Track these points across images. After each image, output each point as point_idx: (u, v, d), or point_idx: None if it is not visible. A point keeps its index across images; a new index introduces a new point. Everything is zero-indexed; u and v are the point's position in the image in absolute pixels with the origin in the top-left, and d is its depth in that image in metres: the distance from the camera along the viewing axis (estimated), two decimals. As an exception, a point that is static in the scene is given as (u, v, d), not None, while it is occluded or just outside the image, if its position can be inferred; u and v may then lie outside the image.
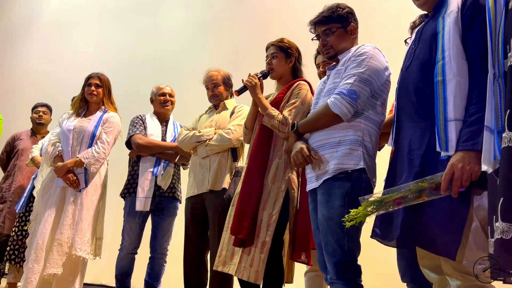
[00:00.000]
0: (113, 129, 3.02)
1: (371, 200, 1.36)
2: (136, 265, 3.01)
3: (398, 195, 1.31)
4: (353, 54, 1.86)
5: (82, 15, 5.94)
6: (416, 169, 1.40)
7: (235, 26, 4.63)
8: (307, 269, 2.45)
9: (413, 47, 1.57)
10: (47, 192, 2.89)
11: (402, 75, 1.59)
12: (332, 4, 1.97)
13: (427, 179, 1.29)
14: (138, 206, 2.89)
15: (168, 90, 3.21)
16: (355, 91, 1.76)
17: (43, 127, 4.06)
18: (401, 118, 1.55)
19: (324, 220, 1.75)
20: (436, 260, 1.40)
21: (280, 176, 2.18)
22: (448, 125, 1.31)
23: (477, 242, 1.29)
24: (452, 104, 1.32)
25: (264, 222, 2.11)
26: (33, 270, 2.65)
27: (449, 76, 1.34)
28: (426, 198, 1.29)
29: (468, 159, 1.25)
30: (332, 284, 1.75)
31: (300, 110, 2.22)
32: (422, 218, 1.35)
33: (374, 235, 1.53)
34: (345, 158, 1.76)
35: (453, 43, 1.35)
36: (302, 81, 2.32)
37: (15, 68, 6.22)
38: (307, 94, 2.26)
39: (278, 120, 2.17)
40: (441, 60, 1.37)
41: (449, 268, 1.33)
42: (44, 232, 2.72)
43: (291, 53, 2.39)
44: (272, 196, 2.15)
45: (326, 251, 1.75)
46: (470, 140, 1.26)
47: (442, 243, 1.30)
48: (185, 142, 2.74)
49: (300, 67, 2.43)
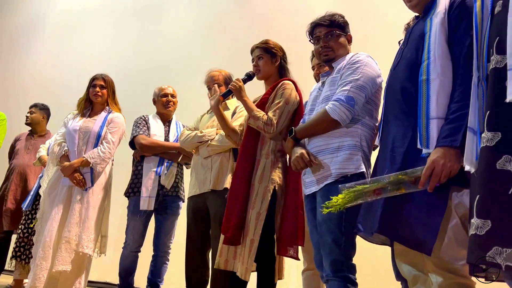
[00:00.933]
0: (118, 129, 3.08)
1: (351, 190, 1.38)
2: (139, 263, 3.06)
3: (378, 186, 1.33)
4: (348, 62, 1.92)
5: (87, 17, 5.98)
6: (397, 165, 1.42)
7: (238, 28, 4.66)
8: (304, 268, 2.48)
9: (402, 47, 1.61)
10: (53, 191, 2.94)
11: (390, 75, 1.63)
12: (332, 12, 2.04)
13: (408, 172, 1.32)
14: (142, 205, 2.95)
15: (170, 90, 3.25)
16: (353, 98, 1.82)
17: (38, 126, 4.09)
18: (388, 116, 1.59)
19: (322, 221, 1.81)
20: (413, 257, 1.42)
21: (267, 176, 2.22)
22: (430, 123, 1.34)
23: (458, 239, 1.31)
24: (435, 103, 1.34)
25: (252, 220, 2.16)
26: (41, 267, 2.70)
27: (433, 75, 1.37)
28: (404, 191, 1.32)
29: (449, 156, 1.28)
30: (328, 282, 1.82)
31: (285, 110, 2.26)
32: (400, 213, 1.37)
33: (357, 230, 1.56)
34: (346, 163, 1.81)
35: (439, 43, 1.39)
36: (286, 81, 2.35)
37: (21, 70, 6.26)
38: (291, 93, 2.29)
39: (263, 121, 2.21)
40: (427, 60, 1.40)
41: (430, 265, 1.35)
42: (52, 230, 2.78)
43: (276, 52, 2.44)
44: (260, 195, 2.19)
45: (323, 250, 1.82)
46: (450, 136, 1.29)
47: (418, 238, 1.32)
48: (187, 142, 2.76)
49: (285, 65, 2.47)
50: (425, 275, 1.39)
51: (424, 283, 1.40)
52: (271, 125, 2.21)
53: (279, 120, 2.23)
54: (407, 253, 1.42)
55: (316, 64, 2.49)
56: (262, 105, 2.32)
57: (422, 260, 1.38)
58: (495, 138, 1.08)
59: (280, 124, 2.24)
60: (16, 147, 4.03)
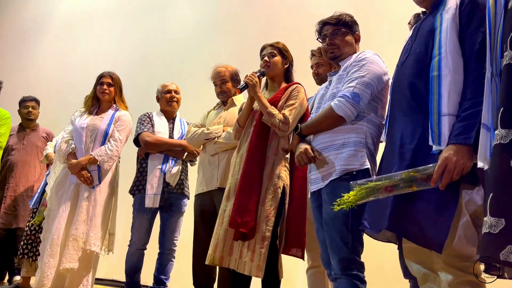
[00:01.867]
0: (125, 127, 3.10)
1: (363, 186, 1.37)
2: (146, 261, 3.06)
3: (389, 183, 1.32)
4: (354, 60, 1.93)
5: (93, 15, 5.99)
6: (406, 162, 1.41)
7: (243, 24, 4.66)
8: (309, 266, 2.48)
9: (409, 42, 1.59)
10: (61, 189, 2.96)
11: (397, 70, 1.61)
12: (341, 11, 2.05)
13: (420, 169, 1.31)
14: (148, 202, 2.95)
15: (174, 87, 3.25)
16: (358, 94, 1.82)
17: (32, 122, 4.08)
18: (395, 112, 1.57)
19: (329, 218, 1.81)
20: (422, 255, 1.41)
21: (277, 173, 2.23)
22: (442, 120, 1.33)
23: (468, 237, 1.30)
24: (447, 99, 1.33)
25: (263, 217, 2.16)
26: (48, 265, 2.72)
27: (445, 71, 1.36)
28: (415, 188, 1.31)
29: (461, 153, 1.27)
30: (336, 280, 1.81)
31: (299, 112, 2.30)
32: (410, 210, 1.36)
33: (363, 227, 1.55)
34: (351, 159, 1.81)
35: (450, 39, 1.37)
36: (299, 85, 2.40)
37: (28, 69, 6.29)
38: (303, 97, 2.35)
39: (279, 119, 2.23)
40: (438, 56, 1.39)
41: (440, 263, 1.34)
42: (59, 227, 2.79)
43: (287, 56, 2.48)
44: (270, 191, 2.19)
45: (331, 248, 1.81)
46: (463, 134, 1.28)
47: (429, 236, 1.31)
48: (194, 139, 2.76)
49: (292, 71, 2.51)
50: (435, 273, 1.38)
51: (433, 281, 1.39)
52: (286, 124, 2.23)
53: (294, 120, 2.26)
54: (417, 251, 1.42)
55: (315, 63, 2.53)
56: (273, 103, 2.32)
57: (432, 258, 1.37)
58: (509, 136, 1.07)
59: (294, 125, 2.25)
60: (8, 143, 3.92)
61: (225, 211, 2.29)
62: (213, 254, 2.23)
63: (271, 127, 2.27)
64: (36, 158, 3.99)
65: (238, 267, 2.18)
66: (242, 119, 2.42)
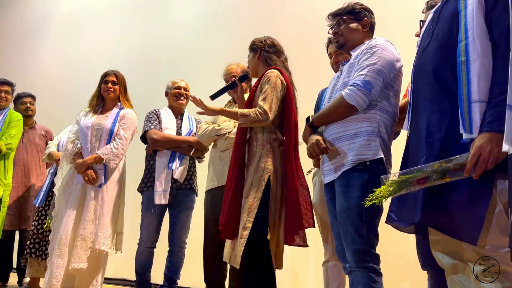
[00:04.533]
0: (130, 125, 3.07)
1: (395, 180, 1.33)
2: (156, 259, 3.05)
3: (422, 175, 1.28)
4: (365, 48, 1.89)
5: (94, 14, 5.97)
6: (436, 152, 1.36)
7: (245, 19, 4.64)
8: (325, 259, 2.46)
9: (430, 27, 1.53)
10: (68, 189, 2.94)
11: (419, 56, 1.56)
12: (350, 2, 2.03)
13: (452, 160, 1.26)
14: (157, 199, 2.92)
15: (183, 84, 3.24)
16: (370, 82, 1.78)
17: (30, 119, 3.98)
18: (418, 100, 1.52)
19: (342, 210, 1.78)
20: (451, 246, 1.38)
21: (262, 166, 2.21)
22: (472, 107, 1.28)
23: (500, 226, 1.25)
24: (476, 85, 1.28)
25: (245, 208, 2.15)
26: (57, 265, 2.70)
27: (473, 56, 1.30)
28: (448, 179, 1.27)
29: (495, 141, 1.21)
30: (351, 273, 1.78)
31: (274, 96, 2.24)
32: (443, 202, 1.32)
33: (390, 220, 1.52)
34: (363, 149, 1.77)
35: (477, 22, 1.32)
36: (271, 69, 2.34)
37: (30, 69, 6.27)
38: (276, 80, 2.27)
39: (255, 113, 2.20)
40: (464, 40, 1.34)
41: (472, 254, 1.30)
42: (67, 227, 2.78)
43: (256, 47, 2.47)
44: (255, 184, 2.18)
45: (345, 240, 1.78)
46: (496, 121, 1.22)
47: (463, 228, 1.27)
48: (205, 136, 2.77)
49: (268, 55, 2.43)
50: (465, 263, 1.35)
51: (463, 271, 1.36)
52: (264, 112, 2.20)
53: (271, 105, 2.21)
54: (444, 242, 1.39)
55: (334, 52, 2.44)
56: (251, 99, 2.33)
57: (462, 248, 1.34)
58: None
59: (273, 109, 2.22)
60: None
61: None
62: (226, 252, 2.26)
63: (252, 125, 2.26)
64: (37, 157, 3.94)
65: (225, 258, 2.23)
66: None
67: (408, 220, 1.43)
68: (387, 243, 2.02)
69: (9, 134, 3.51)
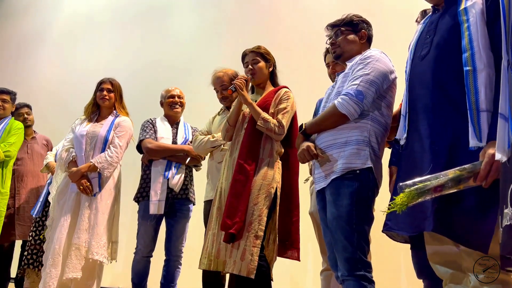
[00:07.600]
0: (125, 133, 3.05)
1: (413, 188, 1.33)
2: (152, 268, 3.02)
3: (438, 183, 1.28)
4: (360, 58, 1.92)
5: (93, 23, 6.02)
6: (442, 159, 1.38)
7: (244, 28, 4.66)
8: (323, 268, 2.45)
9: (427, 37, 1.56)
10: (62, 198, 2.92)
11: (415, 65, 1.58)
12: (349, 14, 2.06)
13: (467, 168, 1.27)
14: (152, 209, 2.90)
15: (177, 92, 3.22)
16: (362, 92, 1.80)
17: (29, 129, 3.95)
18: (417, 109, 1.53)
19: (333, 218, 1.78)
20: (450, 256, 1.38)
21: (271, 174, 2.23)
22: (480, 116, 1.31)
23: None
24: (484, 95, 1.32)
25: (255, 215, 2.14)
26: (50, 275, 2.67)
27: (480, 66, 1.34)
28: (462, 187, 1.28)
29: None
30: (344, 282, 1.77)
31: (289, 114, 2.35)
32: (454, 211, 1.33)
33: (387, 229, 1.51)
34: (353, 157, 1.79)
35: (482, 34, 1.37)
36: (287, 89, 2.43)
37: (29, 77, 6.31)
38: (293, 101, 2.40)
39: (274, 124, 2.26)
40: (469, 50, 1.37)
41: (471, 263, 1.30)
42: (61, 237, 2.75)
43: (269, 59, 2.50)
44: (263, 191, 2.19)
45: (336, 249, 1.78)
46: None
47: (474, 237, 1.27)
48: (201, 148, 2.76)
49: (276, 73, 2.54)
50: (463, 272, 1.35)
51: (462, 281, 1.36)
52: (282, 127, 2.27)
53: (287, 124, 2.31)
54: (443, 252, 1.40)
55: (331, 61, 2.48)
56: (264, 108, 2.34)
57: (461, 258, 1.34)
58: None
59: (286, 127, 2.30)
60: None
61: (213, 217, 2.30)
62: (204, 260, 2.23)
63: (266, 132, 2.28)
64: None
65: (226, 267, 2.16)
66: (232, 119, 2.43)
67: (413, 229, 1.43)
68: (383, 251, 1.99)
69: (9, 141, 3.52)
